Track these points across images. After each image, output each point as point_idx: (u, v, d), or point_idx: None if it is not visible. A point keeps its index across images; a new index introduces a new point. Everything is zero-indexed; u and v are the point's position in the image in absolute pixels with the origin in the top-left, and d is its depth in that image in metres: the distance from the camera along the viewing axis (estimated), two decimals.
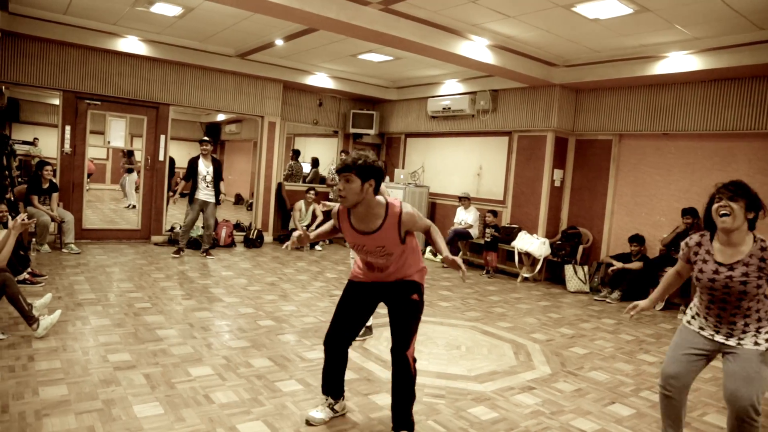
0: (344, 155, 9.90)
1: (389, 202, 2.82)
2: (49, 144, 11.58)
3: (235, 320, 5.05)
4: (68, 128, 8.11)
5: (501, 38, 6.73)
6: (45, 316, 4.21)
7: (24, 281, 5.56)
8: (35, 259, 6.66)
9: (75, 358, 3.79)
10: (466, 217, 9.01)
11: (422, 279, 3.00)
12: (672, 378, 2.86)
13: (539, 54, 7.30)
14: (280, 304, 5.73)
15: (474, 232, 8.93)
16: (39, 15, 7.32)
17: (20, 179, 8.65)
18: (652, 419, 3.52)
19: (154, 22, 7.44)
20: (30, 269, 5.77)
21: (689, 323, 2.92)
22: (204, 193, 7.81)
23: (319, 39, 7.51)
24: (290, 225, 9.55)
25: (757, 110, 6.38)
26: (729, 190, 2.67)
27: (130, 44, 8.13)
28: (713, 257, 2.75)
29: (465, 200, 9.02)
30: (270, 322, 5.06)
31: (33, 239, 7.20)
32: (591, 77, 7.48)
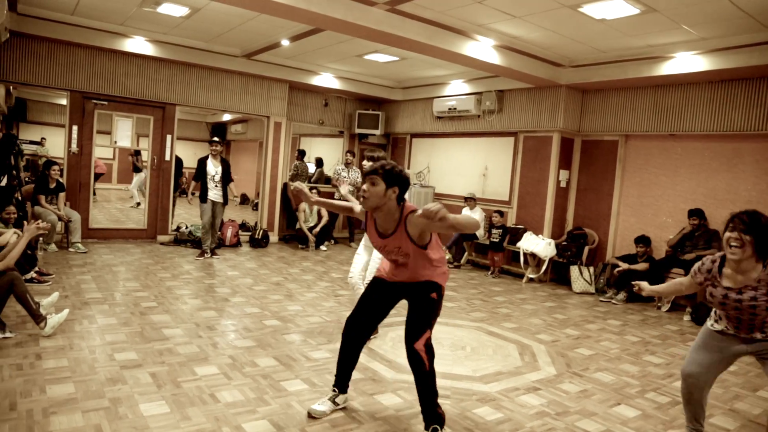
0: (349, 155, 10.01)
1: (405, 205, 2.92)
2: (57, 144, 11.66)
3: (241, 320, 5.07)
4: (75, 128, 8.15)
5: (507, 38, 6.72)
6: (52, 315, 4.24)
7: (31, 280, 5.60)
8: (42, 258, 6.71)
9: (82, 357, 3.81)
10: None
11: (443, 279, 3.05)
12: (690, 377, 3.05)
13: (545, 54, 7.29)
14: (286, 304, 5.74)
15: (479, 233, 8.92)
16: (47, 15, 7.36)
17: (27, 179, 8.69)
18: (658, 421, 3.52)
19: (161, 23, 7.48)
20: (37, 268, 5.81)
21: (713, 326, 3.07)
22: (213, 193, 7.85)
23: (325, 39, 7.53)
24: (297, 225, 9.56)
25: (765, 111, 6.34)
26: (743, 222, 2.73)
27: (137, 44, 8.16)
28: (721, 284, 2.88)
29: (470, 201, 9.01)
30: (275, 322, 5.07)
31: (40, 238, 7.23)
32: (597, 78, 7.46)
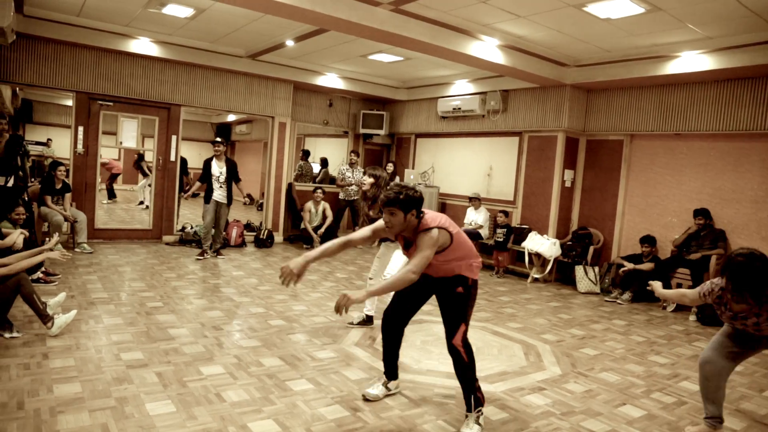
0: (353, 155, 10.00)
1: (423, 221, 3.09)
2: (63, 145, 11.71)
3: (246, 320, 5.08)
4: (81, 129, 8.19)
5: (511, 38, 6.72)
6: (59, 315, 4.26)
7: (38, 280, 5.64)
8: (49, 259, 6.72)
9: (88, 356, 3.83)
10: (477, 218, 9.00)
11: (470, 272, 3.20)
12: (708, 363, 3.22)
13: (550, 54, 7.28)
14: (291, 304, 5.75)
15: (484, 233, 8.91)
16: (53, 17, 7.40)
17: (32, 179, 8.73)
18: (663, 421, 3.51)
19: (166, 24, 7.50)
20: (44, 268, 5.84)
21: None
22: (217, 194, 7.85)
23: (330, 40, 7.54)
24: (301, 225, 9.57)
25: None
26: (738, 290, 2.93)
27: (142, 45, 8.20)
28: (733, 310, 3.09)
29: (475, 201, 9.00)
30: (281, 322, 5.09)
31: (46, 239, 7.25)
32: (602, 77, 7.45)
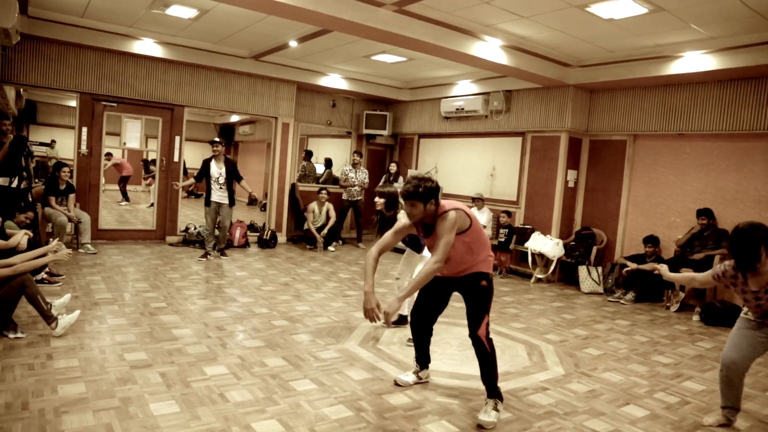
0: (356, 156, 10.02)
1: (441, 207, 3.30)
2: (66, 145, 11.76)
3: (250, 320, 5.09)
4: (85, 130, 8.21)
5: (514, 39, 6.72)
6: (63, 316, 4.27)
7: (42, 281, 5.66)
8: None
9: (92, 357, 3.85)
10: (480, 218, 8.99)
11: (489, 267, 3.46)
12: (733, 363, 3.31)
13: (553, 54, 7.28)
14: (294, 305, 5.76)
15: (488, 233, 8.89)
16: (57, 18, 7.43)
17: (36, 180, 8.76)
18: (667, 421, 3.50)
19: (170, 25, 7.52)
20: (48, 269, 5.86)
21: (746, 314, 3.38)
22: (218, 195, 7.84)
23: (333, 40, 7.55)
24: (305, 226, 9.58)
25: None
26: (744, 261, 3.10)
27: (146, 46, 8.22)
28: (750, 288, 3.21)
29: (478, 201, 8.99)
30: (284, 322, 5.09)
31: (50, 239, 7.28)
32: (605, 77, 7.44)
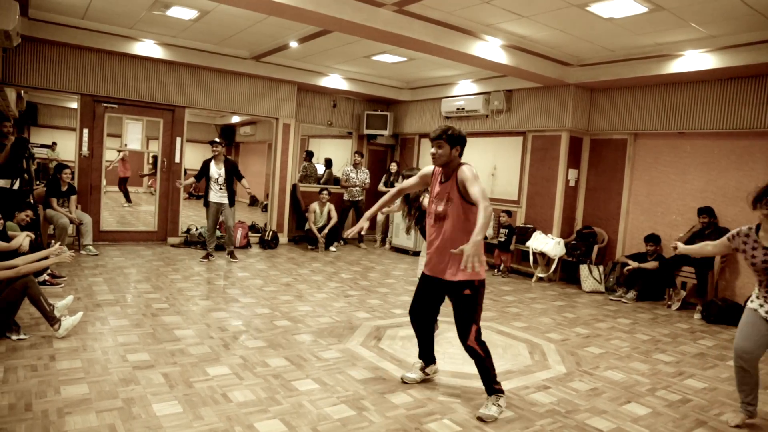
0: (357, 156, 10.03)
1: (461, 161, 3.40)
2: (68, 147, 11.77)
3: (252, 320, 5.10)
4: (86, 131, 8.23)
5: (515, 38, 6.72)
6: (66, 317, 4.28)
7: (44, 282, 5.67)
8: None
9: (95, 358, 3.86)
10: None
11: (475, 273, 3.27)
12: (745, 352, 3.34)
13: (553, 54, 7.28)
14: (296, 305, 5.77)
15: (488, 233, 8.92)
16: (58, 20, 7.44)
17: (37, 182, 8.77)
18: (669, 418, 3.51)
19: (170, 26, 7.53)
20: (50, 271, 5.87)
21: (751, 303, 3.41)
22: (218, 195, 7.80)
23: (333, 41, 7.56)
24: (306, 226, 9.59)
25: None
26: None
27: (147, 48, 8.23)
28: (761, 244, 3.26)
29: None
30: (286, 323, 5.10)
31: (51, 241, 7.30)
32: (606, 76, 7.44)
